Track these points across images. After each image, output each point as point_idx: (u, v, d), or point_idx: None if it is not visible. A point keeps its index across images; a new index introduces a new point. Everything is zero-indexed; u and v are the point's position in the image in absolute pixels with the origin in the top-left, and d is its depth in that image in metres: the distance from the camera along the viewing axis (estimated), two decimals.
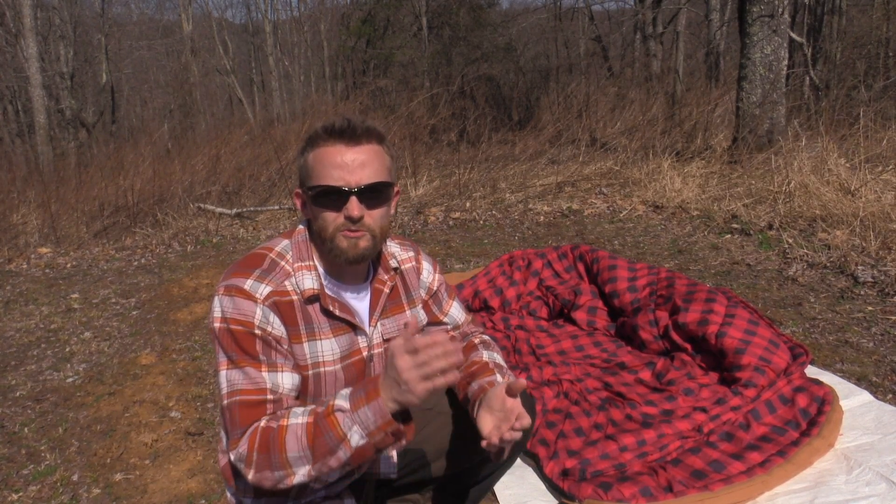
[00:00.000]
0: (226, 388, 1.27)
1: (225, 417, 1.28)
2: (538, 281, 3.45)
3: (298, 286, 1.34)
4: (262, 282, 1.31)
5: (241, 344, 1.27)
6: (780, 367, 2.40)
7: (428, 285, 1.57)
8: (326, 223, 1.32)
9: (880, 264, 3.64)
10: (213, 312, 1.30)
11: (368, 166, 1.31)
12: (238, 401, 1.26)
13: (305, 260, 1.37)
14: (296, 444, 1.19)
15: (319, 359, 1.36)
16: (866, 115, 6.49)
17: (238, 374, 1.27)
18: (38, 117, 12.30)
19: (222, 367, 1.29)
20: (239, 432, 1.25)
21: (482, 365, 1.54)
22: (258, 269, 1.33)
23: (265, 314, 1.29)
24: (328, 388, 1.38)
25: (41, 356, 3.34)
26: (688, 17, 13.16)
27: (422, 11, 14.06)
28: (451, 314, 1.62)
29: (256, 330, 1.28)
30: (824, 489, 1.90)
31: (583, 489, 1.92)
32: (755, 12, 6.49)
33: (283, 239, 1.41)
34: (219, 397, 1.31)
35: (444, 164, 8.44)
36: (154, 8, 27.38)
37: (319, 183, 1.31)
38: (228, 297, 1.29)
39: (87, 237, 6.02)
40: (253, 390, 1.26)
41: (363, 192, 1.30)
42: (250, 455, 1.23)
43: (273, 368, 1.29)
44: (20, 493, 2.21)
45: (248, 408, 1.26)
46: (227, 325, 1.28)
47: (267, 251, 1.37)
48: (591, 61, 15.44)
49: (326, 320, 1.37)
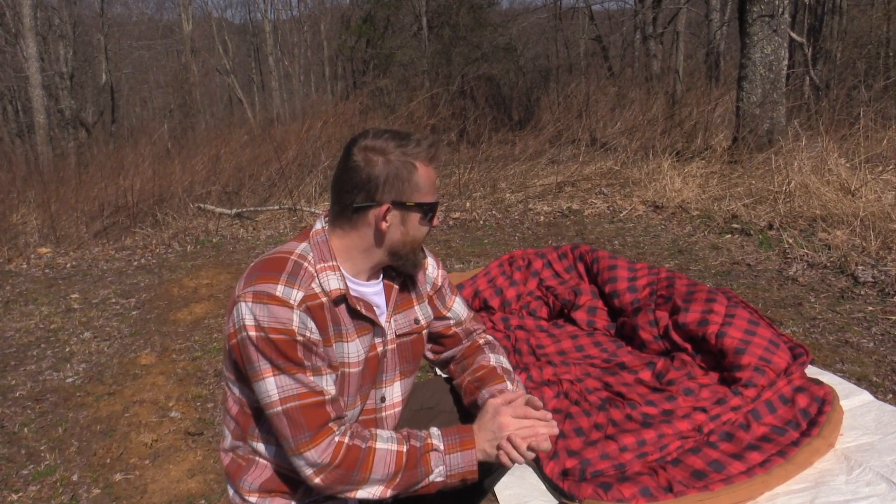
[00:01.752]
0: (277, 394, 1.26)
1: (281, 423, 1.27)
2: (538, 281, 3.45)
3: (324, 287, 1.33)
4: (292, 287, 1.28)
5: (285, 352, 1.25)
6: (781, 368, 2.40)
7: (433, 280, 1.58)
8: (421, 235, 1.40)
9: (880, 264, 3.64)
10: (244, 320, 1.26)
11: None
12: (298, 406, 1.26)
13: (328, 261, 1.35)
14: (383, 468, 1.29)
15: (346, 360, 1.36)
16: (866, 114, 6.49)
17: (289, 380, 1.26)
18: (38, 117, 12.30)
19: (267, 374, 1.26)
20: (307, 435, 1.26)
21: (490, 370, 1.55)
22: (284, 273, 1.29)
23: (303, 320, 1.27)
24: (352, 388, 1.38)
25: (41, 356, 3.34)
26: (688, 16, 13.16)
27: (422, 11, 14.06)
28: (455, 309, 1.63)
29: (298, 337, 1.26)
30: (824, 489, 1.90)
31: (583, 489, 1.92)
32: (755, 12, 6.49)
33: (299, 241, 1.38)
34: (266, 405, 1.28)
35: (444, 163, 8.44)
36: (154, 8, 27.37)
37: (431, 201, 1.38)
38: (261, 304, 1.25)
39: (87, 237, 6.01)
40: (310, 393, 1.27)
41: None
42: (330, 465, 1.26)
43: (318, 373, 1.29)
44: (20, 493, 2.21)
45: (311, 410, 1.27)
46: (265, 333, 1.25)
47: (287, 254, 1.34)
48: (591, 61, 15.44)
49: (351, 321, 1.37)
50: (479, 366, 1.57)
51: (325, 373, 1.31)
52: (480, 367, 1.57)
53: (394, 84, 13.80)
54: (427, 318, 1.54)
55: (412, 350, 1.51)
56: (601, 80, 12.62)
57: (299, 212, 6.20)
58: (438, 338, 1.63)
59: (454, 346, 1.64)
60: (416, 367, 1.55)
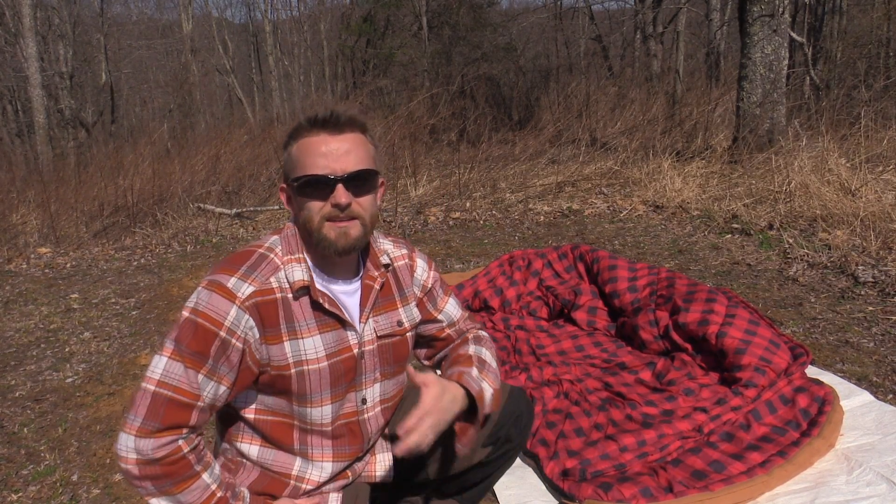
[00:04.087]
0: (159, 375, 1.23)
1: (143, 399, 1.23)
2: (538, 281, 3.44)
3: (288, 278, 1.32)
4: (245, 280, 1.28)
5: (200, 339, 1.24)
6: (781, 368, 2.40)
7: (422, 283, 1.55)
8: (312, 213, 1.31)
9: (881, 264, 3.64)
10: (188, 301, 1.29)
11: (353, 154, 1.31)
12: (168, 396, 1.23)
13: (295, 253, 1.35)
14: (192, 497, 1.26)
15: (303, 357, 1.33)
16: (867, 114, 6.49)
17: (179, 369, 1.24)
18: (38, 117, 12.30)
19: (166, 352, 1.25)
20: (155, 425, 1.22)
21: (466, 357, 1.52)
22: (244, 265, 1.31)
23: (238, 317, 1.26)
24: (313, 385, 1.36)
25: (41, 356, 3.34)
26: (688, 16, 13.15)
27: (422, 11, 14.05)
28: (447, 311, 1.60)
29: (223, 331, 1.25)
30: (825, 489, 1.90)
31: (583, 489, 1.92)
32: (755, 12, 6.48)
33: (272, 235, 1.40)
34: (143, 377, 1.26)
35: (444, 163, 8.44)
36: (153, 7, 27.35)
37: (305, 173, 1.30)
38: (208, 290, 1.27)
39: (87, 237, 6.01)
40: (188, 392, 1.24)
41: (349, 179, 1.29)
42: (155, 461, 1.22)
43: (212, 375, 1.26)
44: (20, 493, 2.21)
45: (176, 407, 1.23)
46: (195, 316, 1.25)
47: (256, 247, 1.36)
48: (591, 61, 15.43)
49: (313, 316, 1.35)
50: (457, 355, 1.55)
51: (222, 382, 1.28)
52: (459, 355, 1.54)
53: (394, 84, 13.79)
54: (412, 320, 1.52)
55: (394, 352, 1.48)
56: (601, 79, 12.62)
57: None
58: (431, 340, 1.61)
59: (447, 347, 1.62)
60: (399, 369, 1.52)
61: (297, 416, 1.38)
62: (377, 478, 1.53)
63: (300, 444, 1.41)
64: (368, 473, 1.52)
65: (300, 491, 1.41)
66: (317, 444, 1.42)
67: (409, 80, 13.56)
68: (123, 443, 1.22)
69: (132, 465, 1.22)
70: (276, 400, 1.37)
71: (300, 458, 1.42)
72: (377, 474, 1.53)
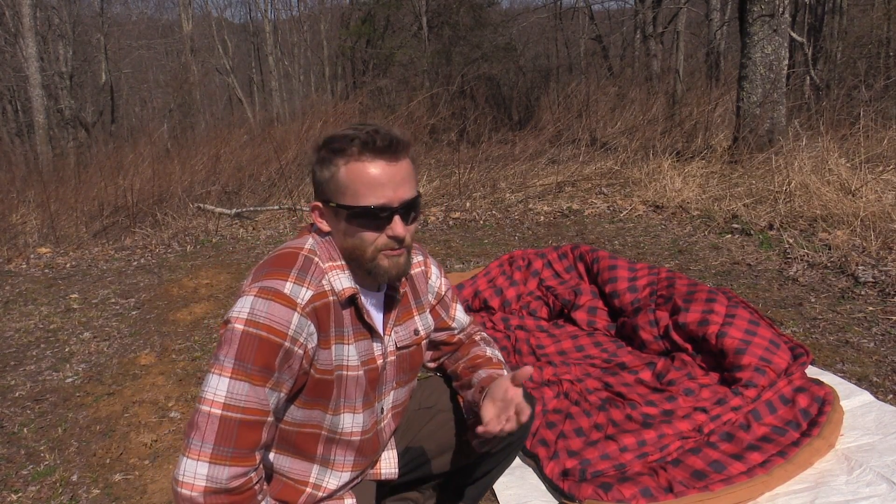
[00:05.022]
0: (224, 397, 1.17)
1: (209, 425, 1.17)
2: (538, 281, 3.44)
3: (334, 285, 1.28)
4: (302, 284, 1.23)
5: (264, 353, 1.18)
6: (781, 368, 2.40)
7: (436, 290, 1.55)
8: (365, 244, 1.26)
9: (881, 264, 3.64)
10: (239, 312, 1.19)
11: (408, 183, 1.26)
12: (239, 419, 1.18)
13: (336, 260, 1.30)
14: None
15: (343, 362, 1.31)
16: (867, 114, 6.49)
17: (244, 388, 1.18)
18: (38, 117, 12.30)
19: (227, 373, 1.18)
20: (229, 451, 1.17)
21: (486, 359, 1.56)
22: (294, 268, 1.25)
23: (301, 325, 1.21)
24: (349, 391, 1.34)
25: (40, 356, 3.33)
26: (688, 16, 13.15)
27: (422, 11, 14.05)
28: (458, 318, 1.62)
29: (287, 341, 1.20)
30: (825, 489, 1.90)
31: (583, 489, 1.92)
32: (755, 12, 6.48)
33: (306, 236, 1.33)
34: (203, 399, 1.18)
35: (444, 163, 8.44)
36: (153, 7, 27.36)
37: (360, 203, 1.23)
38: (264, 299, 1.19)
39: (87, 237, 6.01)
40: (257, 410, 1.19)
41: (404, 209, 1.26)
42: (229, 491, 1.17)
43: (276, 387, 1.22)
44: (19, 493, 2.21)
45: (248, 429, 1.19)
46: (256, 329, 1.18)
47: (297, 249, 1.29)
48: (591, 61, 15.44)
49: (352, 324, 1.32)
50: (474, 355, 1.56)
51: (282, 390, 1.24)
52: (476, 356, 1.56)
53: (394, 84, 13.79)
54: (427, 328, 1.51)
55: (410, 361, 1.48)
56: (601, 79, 12.61)
57: (299, 212, 6.20)
58: (440, 344, 1.63)
59: (454, 349, 1.65)
60: (412, 376, 1.52)
61: (327, 426, 1.35)
62: (382, 475, 1.53)
63: (323, 453, 1.39)
64: (374, 471, 1.53)
65: (315, 498, 1.40)
66: (340, 454, 1.40)
67: (409, 80, 13.55)
68: (191, 469, 1.16)
69: (198, 492, 1.16)
70: (307, 413, 1.32)
71: (318, 465, 1.40)
72: (382, 472, 1.53)
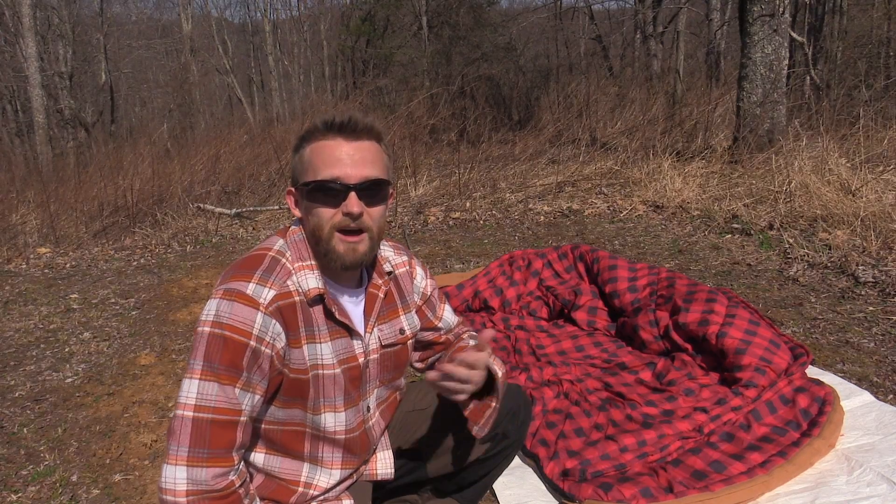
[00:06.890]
0: (195, 399, 1.18)
1: (183, 428, 1.18)
2: (538, 281, 3.44)
3: (301, 286, 1.29)
4: (265, 285, 1.24)
5: (230, 353, 1.19)
6: (781, 368, 2.40)
7: (422, 290, 1.55)
8: (322, 221, 1.27)
9: (881, 264, 3.64)
10: (206, 316, 1.22)
11: (369, 162, 1.27)
12: (210, 419, 1.18)
13: (305, 259, 1.31)
14: None
15: (318, 361, 1.32)
16: (867, 114, 6.50)
17: (213, 388, 1.19)
18: (37, 117, 12.30)
19: (195, 375, 1.19)
20: (205, 452, 1.18)
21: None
22: (259, 269, 1.26)
23: (265, 324, 1.22)
24: (327, 390, 1.34)
25: (40, 356, 3.33)
26: (688, 16, 13.15)
27: (422, 11, 14.05)
28: (445, 318, 1.62)
29: (252, 341, 1.21)
30: (825, 490, 1.90)
31: (583, 490, 1.91)
32: (756, 12, 6.48)
33: (277, 238, 1.35)
34: (177, 405, 1.20)
35: (444, 164, 8.44)
36: (153, 7, 27.36)
37: (317, 177, 1.26)
38: (228, 300, 1.21)
39: (87, 237, 6.01)
40: (227, 409, 1.20)
41: (363, 188, 1.26)
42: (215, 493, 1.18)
43: (248, 387, 1.22)
44: (19, 493, 2.21)
45: (220, 428, 1.19)
46: (220, 330, 1.20)
47: (265, 251, 1.31)
48: (591, 61, 15.44)
49: (325, 323, 1.33)
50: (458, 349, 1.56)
51: (256, 391, 1.24)
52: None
53: (394, 84, 13.79)
54: (413, 328, 1.51)
55: (395, 360, 1.48)
56: (601, 79, 12.61)
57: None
58: (429, 345, 1.62)
59: (443, 350, 1.64)
60: (398, 375, 1.52)
61: (310, 424, 1.36)
62: (378, 475, 1.53)
63: (311, 451, 1.39)
64: (370, 472, 1.53)
65: (307, 497, 1.40)
66: (328, 451, 1.40)
67: (409, 80, 13.55)
68: (171, 475, 1.17)
69: (182, 497, 1.16)
70: (287, 412, 1.34)
71: (308, 463, 1.40)
72: (378, 472, 1.53)
